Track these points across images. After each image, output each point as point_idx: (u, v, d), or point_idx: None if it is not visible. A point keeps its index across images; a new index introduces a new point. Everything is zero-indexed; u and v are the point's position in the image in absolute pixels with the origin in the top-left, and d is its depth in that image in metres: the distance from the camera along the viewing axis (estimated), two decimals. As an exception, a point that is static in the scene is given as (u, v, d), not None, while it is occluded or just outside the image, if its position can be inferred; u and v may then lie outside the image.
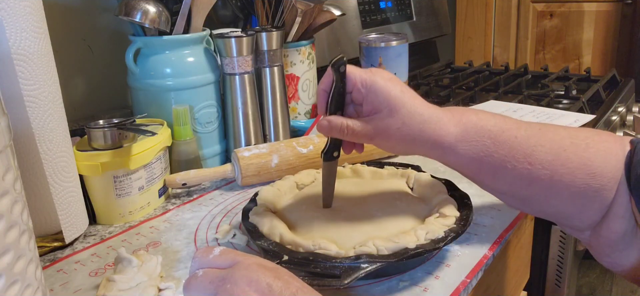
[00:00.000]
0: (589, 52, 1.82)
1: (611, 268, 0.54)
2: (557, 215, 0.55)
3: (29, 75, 0.53)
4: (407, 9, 1.43)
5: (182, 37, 0.77)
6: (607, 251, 0.53)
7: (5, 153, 0.37)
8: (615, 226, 0.51)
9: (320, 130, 0.54)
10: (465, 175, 0.56)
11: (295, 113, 0.99)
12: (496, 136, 0.52)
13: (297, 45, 0.95)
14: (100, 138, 0.64)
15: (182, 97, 0.77)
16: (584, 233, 0.54)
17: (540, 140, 0.52)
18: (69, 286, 0.53)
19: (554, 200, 0.52)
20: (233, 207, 0.70)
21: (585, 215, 0.52)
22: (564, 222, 0.55)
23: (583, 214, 0.52)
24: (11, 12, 0.51)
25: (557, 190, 0.51)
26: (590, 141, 0.52)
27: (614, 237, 0.51)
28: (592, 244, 0.54)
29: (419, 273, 0.53)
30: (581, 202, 0.51)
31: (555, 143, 0.51)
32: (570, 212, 0.53)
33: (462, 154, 0.52)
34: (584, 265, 0.96)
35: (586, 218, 0.52)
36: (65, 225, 0.59)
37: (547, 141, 0.52)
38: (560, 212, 0.54)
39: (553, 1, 1.84)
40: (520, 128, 0.52)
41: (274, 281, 0.38)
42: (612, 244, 0.52)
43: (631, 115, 1.21)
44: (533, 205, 0.54)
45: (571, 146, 0.51)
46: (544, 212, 0.56)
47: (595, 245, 0.54)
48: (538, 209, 0.55)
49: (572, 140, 0.52)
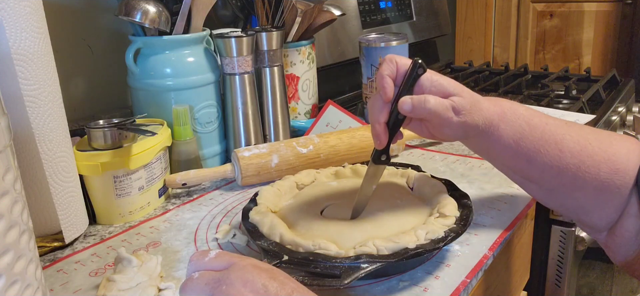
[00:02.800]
0: (589, 52, 1.82)
1: (627, 270, 0.56)
2: (579, 210, 0.56)
3: (29, 75, 0.53)
4: (407, 9, 1.43)
5: (182, 37, 0.77)
6: (622, 251, 0.54)
7: (5, 153, 0.37)
8: (629, 225, 0.52)
9: (403, 106, 0.53)
10: (502, 161, 0.58)
11: (295, 113, 0.99)
12: (529, 120, 0.54)
13: (297, 45, 0.95)
14: (100, 138, 0.64)
15: (182, 97, 0.77)
16: (601, 233, 0.56)
17: (568, 130, 0.54)
18: (69, 286, 0.53)
19: (578, 192, 0.54)
20: (233, 206, 0.70)
21: (605, 211, 0.54)
22: (584, 219, 0.57)
23: (603, 210, 0.54)
24: (11, 12, 0.51)
25: (583, 182, 0.53)
26: (613, 139, 0.54)
27: (628, 236, 0.53)
28: (608, 244, 0.56)
29: (419, 273, 0.53)
30: (603, 197, 0.53)
31: (581, 136, 0.54)
32: (591, 206, 0.54)
33: (503, 135, 0.54)
34: (584, 265, 0.96)
35: (605, 216, 0.54)
36: (65, 225, 0.59)
37: (574, 133, 0.54)
38: (582, 206, 0.55)
39: (553, 1, 1.84)
40: (548, 118, 0.55)
41: (270, 282, 0.38)
42: (626, 244, 0.53)
43: (631, 115, 1.21)
44: (558, 196, 0.56)
45: (596, 141, 0.53)
46: (566, 206, 0.57)
47: (611, 245, 0.55)
48: (561, 202, 0.57)
49: (597, 136, 0.54)
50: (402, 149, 0.85)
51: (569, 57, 1.86)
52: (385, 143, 0.55)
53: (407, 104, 0.53)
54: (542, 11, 1.87)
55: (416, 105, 0.53)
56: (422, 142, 0.92)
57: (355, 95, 1.24)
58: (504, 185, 0.73)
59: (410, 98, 0.53)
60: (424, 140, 0.92)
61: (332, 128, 0.90)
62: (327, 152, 0.78)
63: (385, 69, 0.54)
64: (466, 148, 0.88)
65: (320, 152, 0.77)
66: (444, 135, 0.56)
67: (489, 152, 0.57)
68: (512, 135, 0.54)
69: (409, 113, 0.54)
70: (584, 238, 0.85)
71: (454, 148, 0.89)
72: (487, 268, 0.56)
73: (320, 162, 0.77)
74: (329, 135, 0.80)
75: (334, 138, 0.79)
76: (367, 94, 0.97)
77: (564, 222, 0.85)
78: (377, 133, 0.54)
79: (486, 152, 0.58)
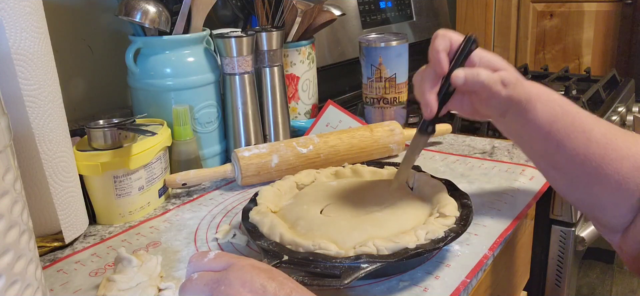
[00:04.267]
0: (589, 52, 1.82)
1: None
2: (595, 206, 0.57)
3: (29, 75, 0.53)
4: (407, 9, 1.43)
5: (182, 37, 0.77)
6: (636, 255, 0.55)
7: (5, 153, 0.37)
8: None
9: (456, 79, 0.56)
10: (532, 144, 0.59)
11: (295, 113, 0.99)
12: (563, 105, 0.56)
13: (297, 45, 0.95)
14: (100, 138, 0.64)
15: (182, 97, 0.77)
16: (616, 235, 0.57)
17: (597, 123, 0.55)
18: (69, 286, 0.53)
19: (598, 186, 0.55)
20: (233, 206, 0.70)
21: (619, 210, 0.54)
22: (599, 216, 0.57)
23: (619, 209, 0.54)
24: (11, 12, 0.51)
25: (605, 175, 0.54)
26: (639, 138, 0.55)
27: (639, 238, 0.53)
28: (622, 247, 0.56)
29: (419, 273, 0.53)
30: (621, 194, 0.54)
31: (608, 130, 0.55)
32: (608, 203, 0.55)
33: (539, 114, 0.55)
34: (584, 265, 0.96)
35: (620, 215, 0.55)
36: (65, 225, 0.59)
37: (603, 126, 0.55)
38: (600, 202, 0.56)
39: (553, 1, 1.84)
40: (579, 108, 0.56)
41: (268, 282, 0.38)
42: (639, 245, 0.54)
43: (631, 115, 1.21)
44: (578, 188, 0.57)
45: (622, 137, 0.54)
46: (584, 201, 0.58)
47: (625, 248, 0.56)
48: (580, 196, 0.58)
49: (623, 134, 0.55)
50: (402, 149, 0.85)
51: (569, 57, 1.86)
52: (435, 112, 0.57)
53: (460, 77, 0.55)
54: (542, 11, 1.87)
55: (469, 77, 0.55)
56: (422, 142, 0.92)
57: (355, 95, 1.24)
58: (504, 185, 0.73)
59: (463, 70, 0.55)
60: (424, 140, 0.92)
61: (332, 128, 0.90)
62: (327, 152, 0.78)
63: (440, 44, 0.56)
64: (466, 148, 0.88)
65: (320, 152, 0.77)
66: (488, 109, 0.58)
67: (522, 132, 0.58)
68: (547, 116, 0.55)
69: (461, 86, 0.56)
70: (584, 238, 0.85)
71: (454, 148, 0.89)
72: (487, 268, 0.56)
73: (320, 162, 0.77)
74: (329, 135, 0.80)
75: (334, 138, 0.79)
76: (367, 94, 0.97)
77: (564, 221, 0.85)
78: (428, 102, 0.56)
79: (519, 132, 0.59)
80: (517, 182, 0.74)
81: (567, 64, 1.80)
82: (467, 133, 0.97)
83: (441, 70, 0.56)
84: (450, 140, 0.93)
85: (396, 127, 0.84)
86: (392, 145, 0.83)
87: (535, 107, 0.55)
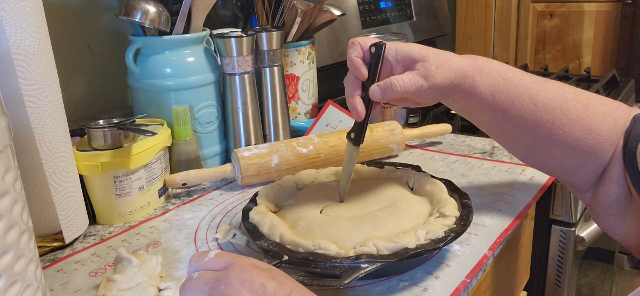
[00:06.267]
0: (589, 52, 1.82)
1: (608, 231, 0.58)
2: (557, 168, 0.58)
3: (29, 75, 0.53)
4: (407, 9, 1.43)
5: (182, 37, 0.77)
6: (603, 214, 0.57)
7: (5, 153, 0.37)
8: (611, 190, 0.55)
9: (374, 95, 0.56)
10: (480, 116, 0.59)
11: (295, 113, 0.99)
12: (504, 74, 0.56)
13: (297, 45, 0.95)
14: (100, 138, 0.64)
15: (182, 97, 0.77)
16: (585, 194, 0.58)
17: (544, 87, 0.56)
18: (69, 286, 0.53)
19: (554, 149, 0.56)
20: (233, 206, 0.70)
21: (581, 171, 0.56)
22: (564, 178, 0.59)
23: (579, 170, 0.56)
24: (11, 12, 0.51)
25: (558, 138, 0.55)
26: (591, 101, 0.56)
27: (609, 201, 0.55)
28: (592, 205, 0.58)
29: (419, 273, 0.53)
30: (578, 157, 0.55)
31: (558, 94, 0.56)
32: (568, 166, 0.57)
33: (479, 86, 0.56)
34: (584, 265, 0.96)
35: (582, 176, 0.56)
36: (65, 225, 0.59)
37: (551, 90, 0.56)
38: (560, 164, 0.57)
39: (553, 1, 1.84)
40: (524, 74, 0.57)
41: (268, 282, 0.38)
42: (608, 207, 0.55)
43: (631, 115, 1.21)
44: (536, 153, 0.58)
45: (573, 100, 0.55)
46: (545, 164, 0.60)
47: (594, 207, 0.58)
48: (540, 159, 0.59)
49: (575, 96, 0.56)
50: (402, 149, 0.85)
51: (569, 57, 1.86)
52: (363, 116, 0.57)
53: (377, 93, 0.56)
54: (542, 11, 1.87)
55: (386, 91, 0.55)
56: (422, 142, 0.92)
57: (355, 95, 1.24)
58: (504, 185, 0.73)
59: (378, 85, 0.56)
60: (424, 140, 0.92)
61: (332, 128, 0.90)
62: (327, 152, 0.78)
63: (352, 52, 0.58)
64: (466, 148, 0.88)
65: (320, 152, 0.77)
66: (425, 101, 0.58)
67: (467, 106, 0.59)
68: (488, 87, 0.56)
69: (381, 100, 0.57)
70: (584, 238, 0.85)
71: (454, 148, 0.89)
72: (487, 268, 0.56)
73: (320, 162, 0.77)
74: (329, 135, 0.80)
75: (334, 138, 0.79)
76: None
77: (564, 221, 0.85)
78: (354, 105, 0.57)
79: (465, 107, 0.59)
80: (517, 181, 0.74)
81: (567, 64, 1.80)
82: (467, 133, 0.97)
83: (361, 74, 0.57)
84: (450, 140, 0.93)
85: (396, 127, 0.84)
86: (392, 145, 0.83)
87: (474, 80, 0.56)
